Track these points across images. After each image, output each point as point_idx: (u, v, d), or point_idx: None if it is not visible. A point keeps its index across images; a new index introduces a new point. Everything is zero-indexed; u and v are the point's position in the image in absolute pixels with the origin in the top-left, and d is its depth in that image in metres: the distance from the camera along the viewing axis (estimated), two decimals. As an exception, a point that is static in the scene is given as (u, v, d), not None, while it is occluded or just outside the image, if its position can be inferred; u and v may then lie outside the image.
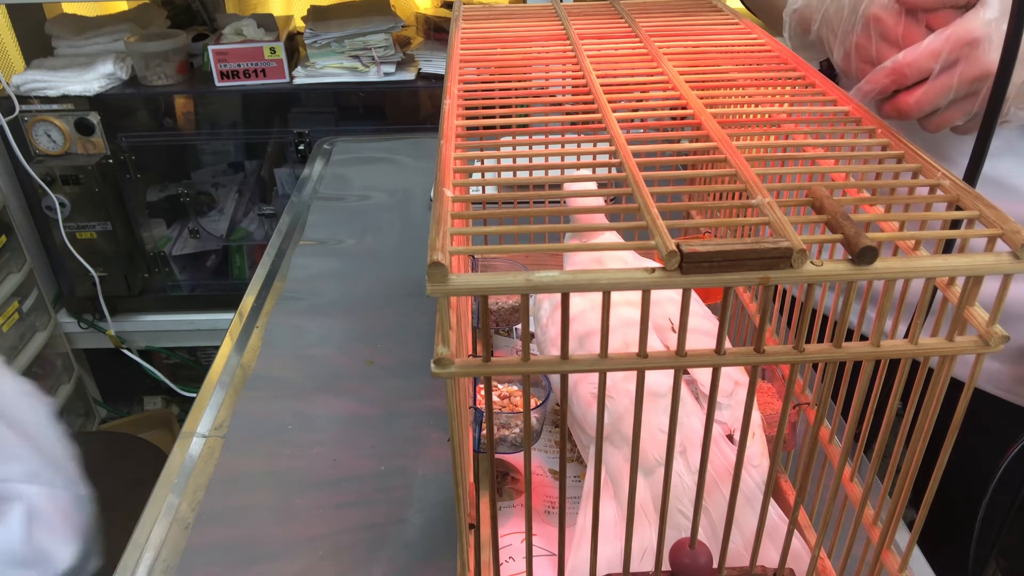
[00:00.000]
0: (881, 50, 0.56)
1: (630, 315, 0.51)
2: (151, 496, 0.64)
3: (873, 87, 0.56)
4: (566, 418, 0.38)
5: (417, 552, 0.58)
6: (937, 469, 0.38)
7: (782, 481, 0.54)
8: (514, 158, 0.42)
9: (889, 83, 0.55)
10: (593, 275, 0.30)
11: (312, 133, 1.93)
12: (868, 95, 0.57)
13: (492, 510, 0.39)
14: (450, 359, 0.32)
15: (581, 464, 0.63)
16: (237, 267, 2.17)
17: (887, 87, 0.55)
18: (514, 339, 0.80)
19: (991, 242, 0.33)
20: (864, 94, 0.57)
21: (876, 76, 0.55)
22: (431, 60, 1.87)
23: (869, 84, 0.56)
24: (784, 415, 0.37)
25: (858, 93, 0.57)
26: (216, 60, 1.81)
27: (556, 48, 0.55)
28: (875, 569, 0.42)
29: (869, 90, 0.56)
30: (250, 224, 2.13)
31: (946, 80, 0.53)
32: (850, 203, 0.35)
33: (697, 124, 0.43)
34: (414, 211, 1.11)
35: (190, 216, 2.06)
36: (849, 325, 0.54)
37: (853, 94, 0.57)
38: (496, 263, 0.74)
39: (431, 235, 0.31)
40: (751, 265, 0.30)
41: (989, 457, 0.71)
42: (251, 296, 0.91)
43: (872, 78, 0.56)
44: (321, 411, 0.73)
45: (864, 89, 0.56)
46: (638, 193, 0.35)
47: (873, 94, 0.56)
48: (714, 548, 0.42)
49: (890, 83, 0.55)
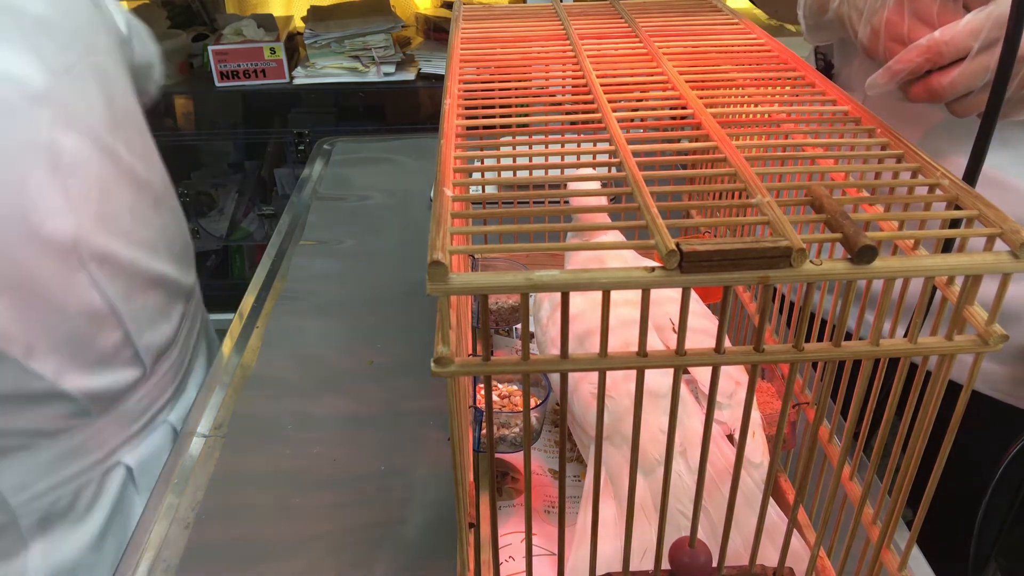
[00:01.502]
0: (913, 28, 0.53)
1: (630, 315, 0.51)
2: (151, 496, 0.64)
3: (905, 66, 0.53)
4: (566, 418, 0.38)
5: (417, 552, 0.58)
6: (936, 468, 0.38)
7: (782, 480, 0.54)
8: (514, 158, 0.42)
9: (923, 62, 0.52)
10: (593, 274, 0.30)
11: (312, 133, 1.94)
12: (898, 75, 0.54)
13: (492, 509, 0.39)
14: (450, 358, 0.32)
15: (581, 464, 0.63)
16: (237, 267, 2.17)
17: (920, 66, 0.53)
18: (514, 339, 0.80)
19: (990, 241, 0.33)
20: (894, 74, 0.54)
21: (909, 55, 0.53)
22: (431, 60, 1.87)
23: (900, 63, 0.53)
24: (784, 414, 0.37)
25: (887, 73, 0.55)
26: (216, 60, 1.81)
27: (556, 48, 0.55)
28: (874, 568, 0.42)
29: (900, 69, 0.54)
30: (250, 224, 2.14)
31: (984, 60, 0.51)
32: (849, 202, 0.35)
33: (697, 124, 0.43)
34: (414, 211, 1.11)
35: (190, 216, 2.06)
36: (848, 328, 0.54)
37: (881, 74, 0.55)
38: (496, 263, 0.74)
39: (431, 234, 0.31)
40: (751, 264, 0.30)
41: (989, 458, 0.71)
42: (251, 296, 0.91)
43: (904, 57, 0.53)
44: (321, 411, 0.73)
45: (894, 68, 0.54)
46: (638, 193, 0.35)
47: (904, 74, 0.54)
48: (713, 547, 0.42)
49: (924, 62, 0.52)
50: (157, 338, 0.72)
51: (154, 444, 0.73)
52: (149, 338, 0.71)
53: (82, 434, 0.67)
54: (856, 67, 0.74)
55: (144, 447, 0.72)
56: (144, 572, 0.57)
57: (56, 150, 0.61)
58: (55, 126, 0.61)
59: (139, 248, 0.70)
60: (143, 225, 0.72)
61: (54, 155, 0.61)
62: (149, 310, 0.71)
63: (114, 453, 0.70)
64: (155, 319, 0.72)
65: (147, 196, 0.73)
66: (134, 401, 0.71)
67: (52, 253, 0.61)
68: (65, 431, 0.65)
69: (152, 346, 0.71)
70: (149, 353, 0.71)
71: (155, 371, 0.73)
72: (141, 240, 0.71)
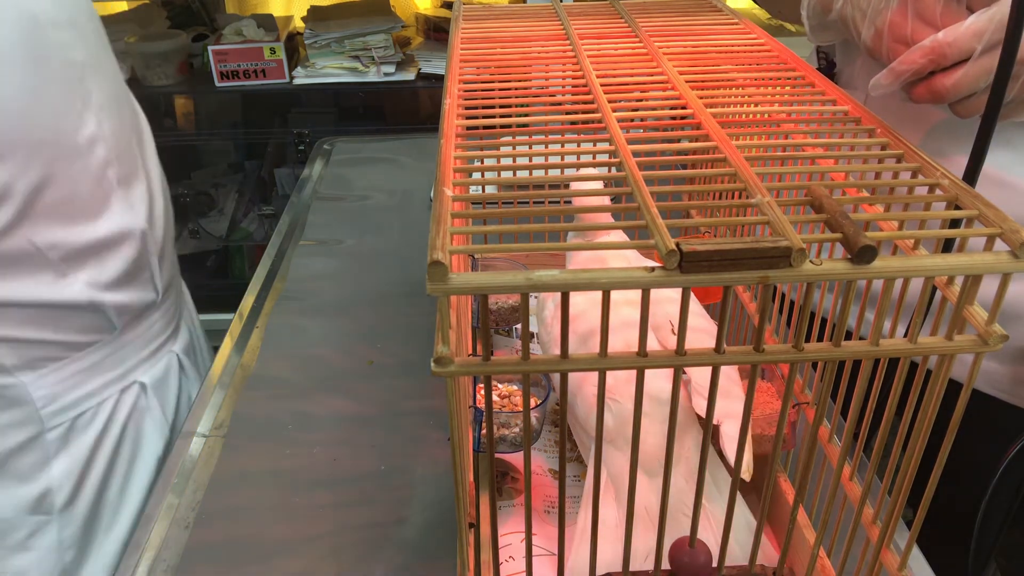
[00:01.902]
0: (917, 29, 0.53)
1: (631, 315, 0.51)
2: (151, 496, 0.64)
3: (908, 67, 0.53)
4: (566, 418, 0.38)
5: (417, 552, 0.58)
6: (936, 468, 0.38)
7: (782, 480, 0.54)
8: (514, 158, 0.42)
9: (926, 63, 0.52)
10: (593, 274, 0.30)
11: (312, 133, 1.93)
12: (901, 76, 0.54)
13: (492, 509, 0.39)
14: (450, 358, 0.32)
15: (581, 464, 0.63)
16: (237, 267, 2.17)
17: (923, 67, 0.53)
18: (514, 339, 0.80)
19: (990, 241, 0.33)
20: (897, 75, 0.54)
21: (912, 56, 0.53)
22: (431, 60, 1.87)
23: (904, 64, 0.54)
24: (784, 414, 0.37)
25: (890, 74, 0.55)
26: (216, 60, 1.81)
27: (556, 48, 0.55)
28: (874, 568, 0.42)
29: (903, 71, 0.54)
30: (250, 224, 2.13)
31: (988, 62, 0.51)
32: (849, 202, 0.35)
33: (697, 124, 0.43)
34: (414, 211, 1.11)
35: (190, 216, 2.06)
36: (848, 327, 0.54)
37: (884, 75, 0.55)
38: (496, 263, 0.74)
39: (431, 234, 0.31)
40: (750, 264, 0.30)
41: (989, 457, 0.71)
42: (251, 296, 0.91)
43: (907, 58, 0.53)
44: (321, 411, 0.73)
45: (897, 70, 0.54)
46: (638, 193, 0.35)
47: (907, 75, 0.54)
48: (713, 547, 0.42)
49: (927, 63, 0.52)
50: (166, 266, 0.79)
51: (164, 368, 0.80)
52: (160, 264, 0.78)
53: (107, 348, 0.73)
54: (858, 67, 0.74)
55: (157, 369, 0.79)
56: (144, 572, 0.57)
57: (88, 89, 0.69)
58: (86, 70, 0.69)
59: (149, 178, 0.78)
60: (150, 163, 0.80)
61: (86, 92, 0.69)
62: (161, 237, 0.78)
63: (132, 371, 0.76)
64: (165, 247, 0.80)
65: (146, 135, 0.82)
66: (149, 323, 0.78)
67: (89, 173, 0.68)
68: (93, 345, 0.71)
69: (162, 273, 0.78)
70: (161, 278, 0.78)
71: (165, 299, 0.79)
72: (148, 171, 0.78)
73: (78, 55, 0.68)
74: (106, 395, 0.73)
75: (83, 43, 0.69)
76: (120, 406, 0.74)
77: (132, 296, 0.73)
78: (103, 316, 0.71)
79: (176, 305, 0.85)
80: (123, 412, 0.75)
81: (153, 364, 0.78)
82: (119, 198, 0.71)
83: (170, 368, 0.81)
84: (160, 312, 0.79)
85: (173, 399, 0.81)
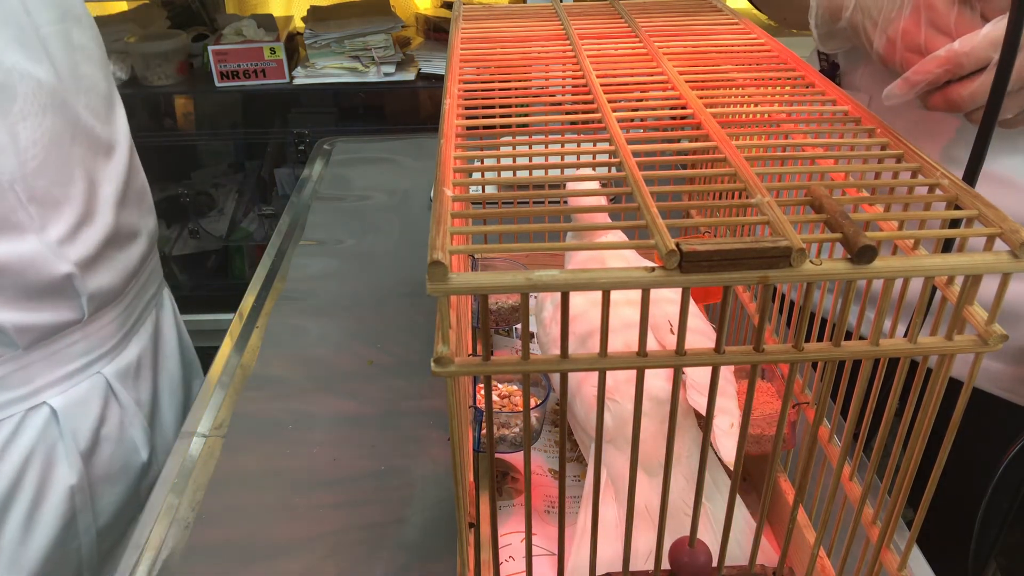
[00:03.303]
0: (930, 38, 0.53)
1: (631, 316, 0.51)
2: (151, 496, 0.64)
3: (923, 77, 0.53)
4: (566, 417, 0.38)
5: (417, 552, 0.58)
6: (936, 468, 0.38)
7: (782, 480, 0.54)
8: (514, 158, 0.42)
9: (942, 73, 0.52)
10: (593, 274, 0.30)
11: (312, 133, 1.93)
12: (916, 85, 0.54)
13: (492, 509, 0.39)
14: (450, 358, 0.32)
15: (581, 464, 0.63)
16: (237, 267, 2.17)
17: (939, 77, 0.52)
18: (514, 339, 0.80)
19: (990, 241, 0.33)
20: (912, 84, 0.54)
21: (927, 65, 0.52)
22: (431, 60, 1.87)
23: (918, 74, 0.53)
24: (783, 414, 0.37)
25: (905, 83, 0.55)
26: (216, 60, 1.81)
27: (556, 48, 0.55)
28: (874, 568, 0.42)
29: (918, 80, 0.53)
30: (250, 224, 2.13)
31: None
32: (849, 202, 0.35)
33: (697, 124, 0.43)
34: (414, 211, 1.11)
35: (190, 216, 2.06)
36: (848, 327, 0.54)
37: (899, 84, 0.55)
38: (496, 263, 0.74)
39: (431, 234, 0.31)
40: (750, 264, 0.30)
41: (989, 457, 0.71)
42: (251, 296, 0.91)
43: (922, 67, 0.53)
44: (321, 411, 0.73)
45: (912, 79, 0.54)
46: (638, 193, 0.35)
47: (922, 84, 0.54)
48: (713, 545, 0.42)
49: (943, 73, 0.52)
50: (100, 285, 0.73)
51: (83, 392, 0.74)
52: (91, 283, 0.71)
53: (9, 365, 0.68)
54: (863, 70, 0.74)
55: (73, 392, 0.73)
56: (144, 572, 0.57)
57: (10, 96, 0.64)
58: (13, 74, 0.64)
59: (82, 196, 0.71)
60: (92, 176, 0.74)
61: (7, 100, 0.64)
62: (90, 256, 0.72)
63: (41, 392, 0.70)
64: (99, 267, 0.73)
65: (101, 153, 0.76)
66: (68, 343, 0.72)
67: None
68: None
69: (95, 293, 0.72)
70: (91, 299, 0.72)
71: (95, 319, 0.74)
72: (85, 190, 0.72)
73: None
74: (9, 412, 0.68)
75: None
76: (24, 428, 0.69)
77: (40, 317, 0.68)
78: (1, 333, 0.66)
79: (124, 323, 0.78)
80: (27, 436, 0.69)
81: (70, 387, 0.72)
82: (27, 216, 0.65)
83: (92, 392, 0.74)
84: (88, 331, 0.73)
85: (89, 428, 0.74)
